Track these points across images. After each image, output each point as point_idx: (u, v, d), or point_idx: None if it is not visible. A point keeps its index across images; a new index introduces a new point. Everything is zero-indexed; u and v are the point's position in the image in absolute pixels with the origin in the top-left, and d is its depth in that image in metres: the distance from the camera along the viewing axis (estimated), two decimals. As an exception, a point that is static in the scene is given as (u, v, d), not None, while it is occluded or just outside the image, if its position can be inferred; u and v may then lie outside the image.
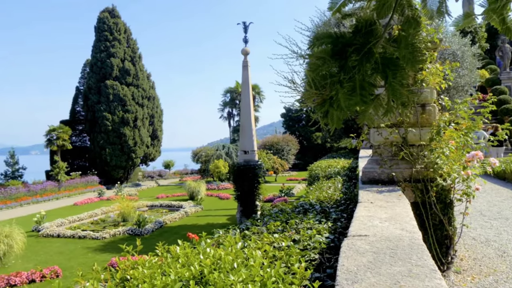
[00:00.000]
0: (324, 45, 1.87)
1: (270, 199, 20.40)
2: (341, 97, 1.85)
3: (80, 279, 2.74)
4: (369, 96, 1.92)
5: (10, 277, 9.61)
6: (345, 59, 1.87)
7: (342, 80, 1.85)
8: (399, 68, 1.93)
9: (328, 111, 1.96)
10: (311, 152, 43.25)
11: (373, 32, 1.90)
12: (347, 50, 1.86)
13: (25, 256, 11.90)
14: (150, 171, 41.68)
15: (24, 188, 25.70)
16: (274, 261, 2.91)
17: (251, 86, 15.68)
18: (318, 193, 6.60)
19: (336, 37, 1.85)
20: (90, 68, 33.90)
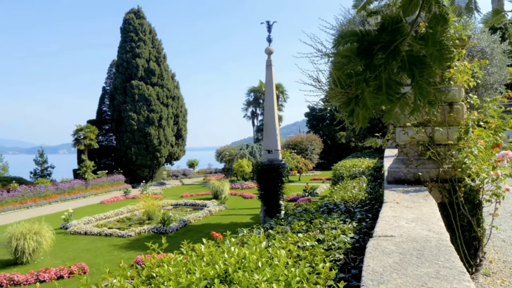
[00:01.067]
0: (349, 44, 1.85)
1: (294, 198, 20.34)
2: (366, 95, 1.83)
3: (107, 275, 2.79)
4: (395, 94, 1.89)
5: (40, 273, 9.86)
6: (371, 57, 1.84)
7: (367, 79, 1.83)
8: (426, 66, 1.89)
9: (353, 110, 1.94)
10: (335, 152, 42.93)
11: (399, 30, 1.87)
12: (373, 48, 1.84)
13: (54, 252, 12.18)
14: (175, 170, 42.10)
15: (52, 186, 26.31)
16: (299, 260, 2.90)
17: (274, 85, 15.65)
18: (343, 192, 6.54)
19: (362, 35, 1.82)
20: (116, 68, 34.45)
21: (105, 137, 37.82)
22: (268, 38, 15.41)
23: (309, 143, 38.02)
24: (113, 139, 37.08)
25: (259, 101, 44.87)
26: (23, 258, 11.17)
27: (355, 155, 20.82)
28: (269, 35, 15.41)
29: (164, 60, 35.29)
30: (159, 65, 34.33)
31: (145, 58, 33.65)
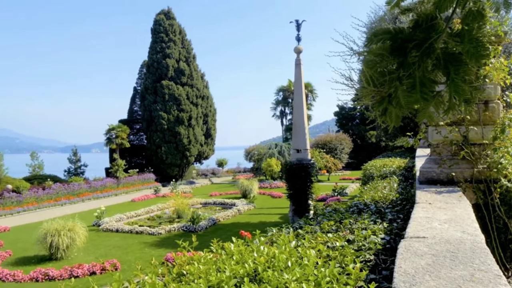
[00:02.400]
0: (382, 42, 1.82)
1: (323, 198, 20.21)
2: (400, 94, 1.79)
3: (139, 272, 2.84)
4: (429, 93, 1.85)
5: (73, 268, 10.12)
6: (405, 55, 1.81)
7: (401, 77, 1.79)
8: (462, 64, 1.84)
9: (386, 108, 1.91)
10: (365, 151, 42.42)
11: (434, 27, 1.82)
12: (407, 46, 1.80)
13: (86, 249, 12.47)
14: (204, 169, 42.46)
15: (85, 184, 26.95)
16: (328, 260, 2.88)
17: (303, 84, 15.58)
18: (373, 193, 6.46)
19: (395, 33, 1.79)
20: (147, 69, 34.99)
21: (136, 136, 38.46)
22: (297, 37, 15.35)
23: (338, 143, 37.69)
24: (144, 138, 37.67)
25: (288, 100, 44.74)
26: (58, 254, 11.48)
27: (385, 154, 20.53)
28: (298, 34, 15.35)
29: (194, 60, 35.62)
30: (188, 65, 34.67)
31: (175, 58, 34.04)
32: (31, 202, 22.29)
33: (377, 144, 41.87)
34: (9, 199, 21.46)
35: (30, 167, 40.33)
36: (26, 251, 12.65)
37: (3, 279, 9.94)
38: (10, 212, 20.47)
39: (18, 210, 20.89)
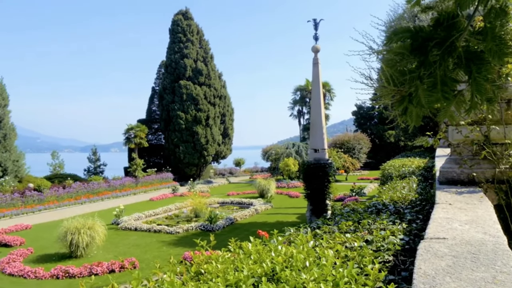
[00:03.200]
0: (402, 40, 1.80)
1: (341, 198, 20.10)
2: (421, 93, 1.77)
3: (157, 270, 2.86)
4: (451, 92, 1.82)
5: (93, 266, 10.26)
6: (425, 54, 1.78)
7: (422, 76, 1.77)
8: (484, 62, 1.81)
9: (407, 108, 1.88)
10: (383, 151, 42.06)
11: (455, 25, 1.79)
12: (428, 44, 1.77)
13: (105, 247, 12.63)
14: (221, 168, 42.62)
15: (105, 183, 27.30)
16: (347, 261, 2.86)
17: (321, 84, 15.51)
18: (392, 193, 6.39)
19: (415, 32, 1.77)
20: (165, 69, 35.28)
21: (155, 136, 38.80)
22: (315, 36, 15.29)
23: (356, 142, 37.44)
24: (162, 138, 37.99)
25: (305, 99, 44.61)
26: (78, 252, 11.65)
27: (404, 154, 20.32)
28: (315, 33, 15.28)
29: (211, 60, 35.77)
30: (206, 65, 34.84)
31: (193, 58, 34.24)
32: (52, 200, 22.68)
33: (395, 144, 41.49)
34: (31, 197, 21.87)
35: (51, 166, 41.06)
36: (47, 248, 12.87)
37: (25, 276, 10.13)
38: (32, 210, 20.87)
39: (39, 209, 21.28)
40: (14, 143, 28.63)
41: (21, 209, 20.60)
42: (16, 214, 20.03)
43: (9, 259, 11.37)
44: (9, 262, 11.15)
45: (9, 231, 15.70)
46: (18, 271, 10.38)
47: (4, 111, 28.01)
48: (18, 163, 28.46)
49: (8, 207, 20.39)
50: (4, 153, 27.22)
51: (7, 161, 27.14)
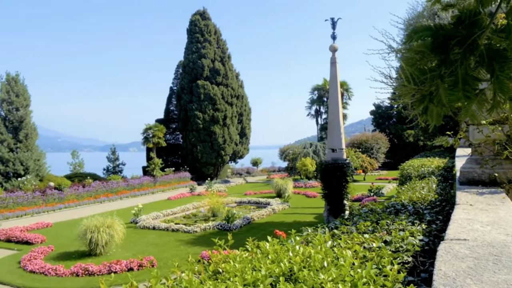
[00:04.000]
0: (422, 39, 1.77)
1: (359, 198, 19.97)
2: (441, 92, 1.74)
3: (176, 269, 2.89)
4: (472, 91, 1.79)
5: (112, 264, 10.38)
6: (446, 52, 1.75)
7: (443, 75, 1.74)
8: (507, 60, 1.77)
9: (427, 107, 1.86)
10: (402, 151, 41.63)
11: (477, 23, 1.76)
12: (449, 43, 1.75)
13: (124, 245, 12.76)
14: (239, 168, 42.72)
15: (123, 182, 27.62)
16: (365, 261, 2.84)
17: (339, 83, 15.41)
18: (411, 193, 6.32)
19: (436, 30, 1.74)
20: (183, 69, 35.49)
21: (172, 136, 39.09)
22: (332, 35, 15.20)
23: (374, 142, 37.14)
24: (180, 137, 38.24)
25: (323, 99, 44.42)
26: (97, 250, 11.80)
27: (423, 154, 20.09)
28: (333, 32, 15.19)
29: (229, 60, 35.87)
30: (223, 65, 34.94)
31: (210, 58, 34.38)
32: (72, 199, 23.04)
33: (414, 144, 41.04)
34: (51, 196, 22.24)
35: (71, 165, 41.71)
36: (67, 246, 13.07)
37: (46, 273, 10.31)
38: (53, 209, 21.22)
39: (59, 207, 21.63)
40: (35, 142, 29.15)
41: (42, 207, 20.97)
42: (37, 212, 20.40)
43: (31, 257, 11.58)
44: (30, 259, 11.36)
45: (31, 229, 15.99)
46: (39, 268, 10.57)
47: (26, 111, 28.54)
48: (39, 162, 28.98)
49: (30, 205, 20.78)
50: (26, 153, 27.75)
51: (28, 160, 27.66)
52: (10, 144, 27.29)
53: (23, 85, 28.89)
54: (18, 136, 27.78)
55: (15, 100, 27.94)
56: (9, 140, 27.32)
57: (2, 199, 20.08)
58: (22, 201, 20.69)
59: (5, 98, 27.77)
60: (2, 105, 27.76)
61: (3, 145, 27.00)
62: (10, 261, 11.85)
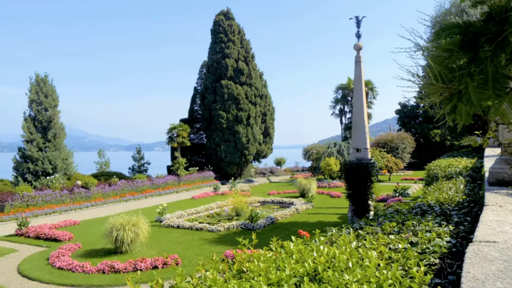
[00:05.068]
0: (451, 36, 1.73)
1: (383, 198, 19.74)
2: (471, 90, 1.70)
3: (200, 268, 2.91)
4: (503, 89, 1.74)
5: (137, 262, 10.52)
6: (476, 50, 1.71)
7: (472, 73, 1.70)
8: (540, 58, 1.72)
9: (456, 106, 1.81)
10: (428, 151, 40.96)
11: (508, 19, 1.71)
12: (478, 40, 1.70)
13: (149, 244, 12.91)
14: (262, 167, 42.78)
15: (148, 181, 27.98)
16: (391, 263, 2.81)
17: (363, 82, 15.24)
18: (438, 194, 6.21)
19: (465, 27, 1.70)
20: (207, 69, 35.73)
21: (196, 135, 39.42)
22: (357, 33, 15.04)
23: (400, 142, 36.65)
24: (203, 137, 38.54)
25: (347, 98, 44.07)
26: (122, 248, 11.98)
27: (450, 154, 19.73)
28: (358, 30, 15.03)
29: (252, 60, 35.93)
30: (247, 64, 35.02)
31: (234, 58, 34.51)
32: (98, 197, 23.47)
33: (441, 143, 40.32)
34: (79, 194, 22.71)
35: (98, 164, 42.52)
36: (93, 244, 13.31)
37: (73, 270, 10.52)
38: (80, 207, 21.65)
39: (86, 205, 22.06)
40: (63, 142, 29.80)
41: (70, 205, 21.42)
42: (65, 210, 20.85)
43: (59, 253, 11.84)
44: (58, 256, 11.62)
45: (59, 226, 16.35)
46: (66, 265, 10.79)
47: (54, 111, 29.20)
48: (67, 161, 29.61)
49: (58, 204, 21.26)
50: (54, 152, 28.38)
51: (56, 159, 28.28)
52: (39, 143, 27.98)
53: (51, 86, 29.57)
54: (47, 136, 28.44)
55: (44, 100, 28.62)
56: (38, 139, 28.00)
57: (32, 197, 20.60)
58: (51, 199, 21.18)
59: (35, 98, 28.47)
60: (31, 106, 28.48)
61: (32, 145, 27.70)
62: (39, 257, 12.14)
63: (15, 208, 19.58)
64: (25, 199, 20.24)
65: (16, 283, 9.88)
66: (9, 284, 9.84)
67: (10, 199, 19.91)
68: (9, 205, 19.61)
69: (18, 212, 18.75)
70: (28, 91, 28.77)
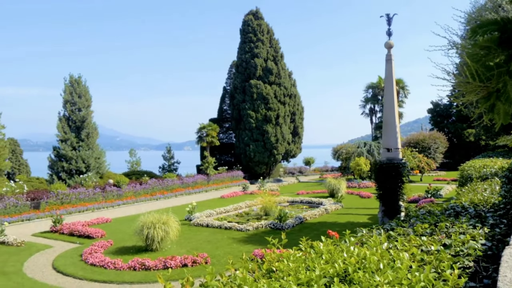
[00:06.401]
0: (488, 33, 1.68)
1: (415, 199, 19.39)
2: (510, 89, 1.65)
3: (230, 266, 2.92)
4: (543, 87, 1.68)
5: (167, 260, 10.66)
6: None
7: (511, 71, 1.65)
8: None
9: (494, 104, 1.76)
10: (462, 151, 39.98)
11: (549, 15, 1.65)
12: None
13: (179, 242, 13.07)
14: (291, 167, 42.67)
15: (178, 180, 28.32)
16: (423, 265, 2.76)
17: (394, 81, 15.00)
18: (472, 195, 6.06)
19: (503, 24, 1.65)
20: (236, 69, 35.87)
21: (226, 135, 39.67)
22: (388, 31, 14.81)
23: (432, 141, 35.91)
24: (232, 136, 38.73)
25: (378, 97, 43.45)
26: (153, 246, 12.16)
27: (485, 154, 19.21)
28: (389, 28, 14.79)
29: (281, 59, 35.86)
30: (276, 64, 34.98)
31: (263, 57, 34.52)
32: (129, 196, 23.92)
33: (475, 143, 39.27)
34: (111, 192, 23.19)
35: (129, 163, 43.34)
36: (125, 241, 13.57)
37: (105, 266, 10.75)
38: (112, 205, 22.12)
39: (118, 203, 22.51)
40: (96, 141, 30.49)
41: (102, 203, 21.90)
42: (98, 208, 21.33)
43: (91, 250, 12.12)
44: (91, 253, 11.90)
45: (92, 224, 16.74)
46: (99, 261, 11.04)
47: (88, 111, 29.90)
48: (100, 160, 30.28)
49: (91, 201, 21.78)
50: (87, 151, 29.07)
51: (89, 158, 28.96)
52: (73, 142, 28.71)
53: (85, 86, 30.29)
54: (80, 135, 29.16)
55: (77, 101, 29.34)
56: (72, 139, 28.73)
57: (66, 195, 21.16)
58: (84, 197, 21.71)
59: (69, 99, 29.22)
60: (65, 106, 29.25)
61: (67, 144, 28.45)
62: (72, 254, 12.46)
63: (50, 205, 20.17)
64: (59, 197, 20.82)
65: (51, 278, 10.18)
66: (44, 279, 10.15)
67: (46, 196, 20.52)
68: (44, 203, 20.23)
69: (53, 209, 19.29)
70: (63, 91, 29.57)
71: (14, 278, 10.28)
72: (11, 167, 32.94)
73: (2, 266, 11.27)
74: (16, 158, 35.89)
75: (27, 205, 19.44)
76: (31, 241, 14.23)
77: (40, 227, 16.64)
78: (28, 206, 19.52)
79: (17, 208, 18.85)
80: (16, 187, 20.72)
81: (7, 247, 13.44)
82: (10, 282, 9.96)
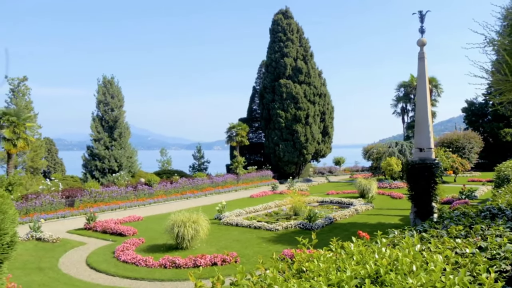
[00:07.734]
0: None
1: (448, 201, 18.95)
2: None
3: (260, 266, 2.93)
4: None
5: (197, 258, 10.77)
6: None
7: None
8: None
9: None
10: (498, 151, 38.78)
11: None
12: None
13: (208, 241, 13.17)
14: (321, 167, 42.40)
15: (208, 179, 28.58)
16: (457, 268, 2.69)
17: (427, 79, 14.68)
18: (509, 196, 5.88)
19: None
20: (266, 68, 35.88)
21: (255, 134, 39.76)
22: (420, 29, 14.50)
23: (466, 141, 34.98)
24: (262, 136, 38.77)
25: (410, 96, 42.67)
26: (183, 244, 12.31)
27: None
28: (421, 25, 14.48)
29: (311, 58, 35.65)
30: (306, 63, 34.80)
31: (293, 57, 34.40)
32: (160, 194, 24.29)
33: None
34: (142, 191, 23.60)
35: (160, 163, 44.00)
36: (156, 239, 13.78)
37: (137, 264, 10.95)
38: (143, 203, 22.51)
39: (149, 202, 22.89)
40: (128, 141, 31.11)
41: (134, 201, 22.33)
42: (129, 206, 21.75)
43: (124, 247, 12.36)
44: (123, 250, 12.13)
45: (123, 222, 17.07)
46: (131, 258, 11.25)
47: (120, 111, 30.53)
48: (131, 159, 30.88)
49: (123, 200, 22.22)
50: (120, 150, 29.69)
51: (122, 157, 29.57)
52: (106, 142, 29.37)
53: (117, 87, 30.93)
54: (113, 135, 29.80)
55: (110, 101, 30.00)
56: (105, 138, 29.40)
57: (99, 193, 21.67)
58: (116, 196, 22.17)
59: (102, 99, 29.92)
60: (99, 106, 29.95)
61: (100, 143, 29.14)
62: (105, 251, 12.74)
63: (84, 203, 20.70)
64: (93, 195, 21.34)
65: (84, 274, 10.44)
66: (78, 275, 10.42)
67: (80, 194, 21.07)
68: (78, 201, 20.78)
69: (87, 207, 19.79)
70: (96, 92, 30.28)
71: (49, 273, 10.59)
72: (47, 166, 33.98)
73: (39, 262, 11.64)
74: (52, 157, 37.02)
75: (62, 202, 20.01)
76: (66, 238, 14.63)
77: (75, 224, 17.09)
78: (63, 204, 20.09)
79: (53, 205, 19.43)
80: (51, 185, 21.35)
81: (43, 243, 13.86)
82: (46, 277, 10.27)
